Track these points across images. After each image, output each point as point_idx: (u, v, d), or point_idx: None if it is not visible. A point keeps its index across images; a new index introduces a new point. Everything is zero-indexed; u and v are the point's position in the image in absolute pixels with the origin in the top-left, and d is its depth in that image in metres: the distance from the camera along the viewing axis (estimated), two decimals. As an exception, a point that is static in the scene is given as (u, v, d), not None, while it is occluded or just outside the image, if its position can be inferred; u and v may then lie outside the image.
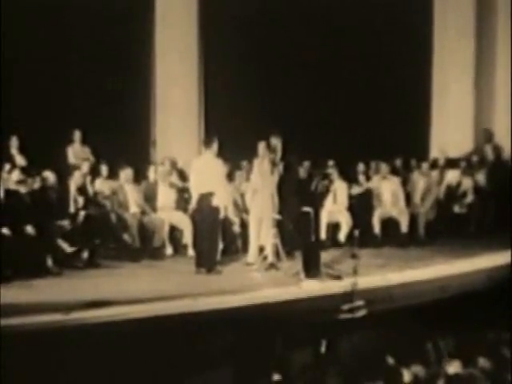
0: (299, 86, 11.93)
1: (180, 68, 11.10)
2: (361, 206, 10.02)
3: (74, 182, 8.63)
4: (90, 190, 9.16)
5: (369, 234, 9.72)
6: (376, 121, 11.92)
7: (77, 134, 10.12)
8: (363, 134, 11.64)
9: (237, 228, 9.31)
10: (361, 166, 10.68)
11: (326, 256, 8.19)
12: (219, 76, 11.45)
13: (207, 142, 8.16)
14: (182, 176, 10.08)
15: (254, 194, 8.56)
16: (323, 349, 6.88)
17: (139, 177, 9.55)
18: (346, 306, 6.86)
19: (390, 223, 9.93)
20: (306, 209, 7.63)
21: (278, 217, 8.42)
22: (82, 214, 8.36)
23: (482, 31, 11.79)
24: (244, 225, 9.20)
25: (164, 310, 6.20)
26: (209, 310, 6.36)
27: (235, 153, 9.77)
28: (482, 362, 6.50)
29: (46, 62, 10.26)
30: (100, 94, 10.74)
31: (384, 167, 10.24)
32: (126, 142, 10.45)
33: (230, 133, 10.97)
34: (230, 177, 9.55)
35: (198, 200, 8.03)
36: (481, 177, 10.96)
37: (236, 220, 9.33)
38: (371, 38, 11.86)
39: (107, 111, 10.64)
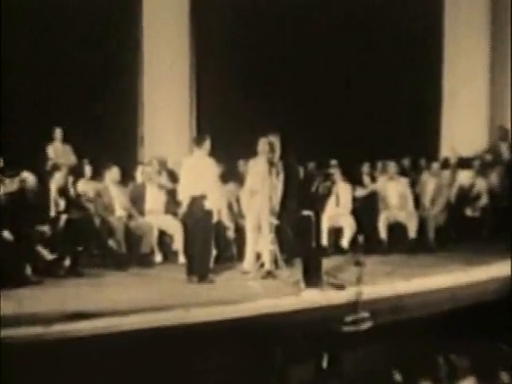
0: (298, 80, 11.98)
1: (170, 61, 11.14)
2: (365, 210, 10.05)
3: (54, 184, 8.64)
4: (72, 192, 9.17)
5: (374, 239, 9.75)
6: (382, 117, 11.97)
7: (58, 132, 10.13)
8: (368, 131, 11.68)
9: (231, 233, 9.33)
10: (366, 166, 10.71)
11: (327, 263, 8.20)
12: (212, 70, 11.49)
13: (199, 140, 8.17)
14: (172, 177, 10.11)
15: (251, 197, 8.58)
16: (325, 364, 6.86)
17: (126, 178, 9.59)
18: (349, 318, 6.87)
19: (397, 228, 9.97)
20: (307, 212, 7.64)
21: (276, 221, 8.43)
22: (64, 217, 8.36)
23: (495, 27, 11.93)
24: (239, 230, 9.22)
25: (152, 323, 6.20)
26: (201, 322, 6.36)
27: (229, 152, 9.82)
28: (505, 377, 6.51)
29: (24, 56, 10.28)
30: (83, 88, 10.75)
31: (391, 167, 10.27)
32: (112, 140, 10.48)
33: (224, 130, 11.02)
34: (224, 178, 9.58)
35: (189, 203, 8.04)
36: (495, 177, 11.00)
37: (230, 225, 9.36)
38: (377, 30, 11.97)
39: (91, 107, 10.66)
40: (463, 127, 12.00)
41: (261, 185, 8.43)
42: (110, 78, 11.00)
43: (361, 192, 10.28)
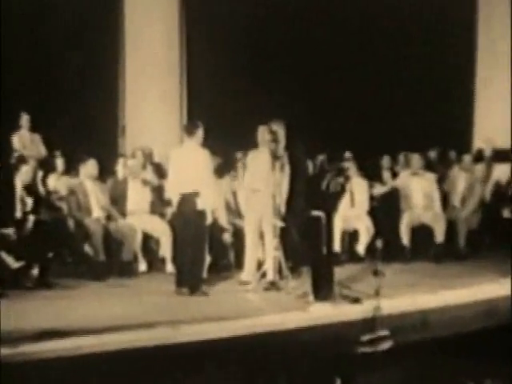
0: (308, 61, 12.04)
1: (156, 39, 11.17)
2: (385, 210, 10.08)
3: (20, 179, 8.62)
4: (42, 189, 9.18)
5: (395, 244, 9.78)
6: (405, 104, 12.02)
7: (25, 119, 10.12)
8: (389, 119, 11.74)
9: (228, 237, 9.36)
10: (385, 160, 10.73)
11: (340, 273, 8.22)
12: (206, 48, 11.52)
13: (190, 129, 8.17)
14: (159, 171, 10.14)
15: (251, 195, 8.59)
16: (338, 390, 6.91)
17: (104, 172, 9.59)
18: (366, 337, 6.88)
19: (421, 231, 9.99)
20: (316, 213, 7.65)
21: (280, 223, 8.43)
22: (32, 219, 8.35)
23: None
24: (238, 233, 9.24)
25: (135, 342, 6.19)
26: (192, 342, 6.35)
27: (226, 142, 9.84)
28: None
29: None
30: (55, 71, 10.76)
31: (415, 160, 10.28)
32: (88, 128, 10.50)
33: (219, 117, 11.08)
34: (219, 172, 9.59)
35: (178, 202, 8.04)
36: (537, 172, 11.04)
37: (228, 227, 9.38)
38: (407, 15, 12.18)
39: (64, 91, 10.67)
40: (499, 115, 12.05)
41: (262, 181, 8.44)
42: (86, 59, 11.02)
43: (379, 189, 10.29)
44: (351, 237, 9.87)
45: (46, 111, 10.20)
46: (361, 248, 9.78)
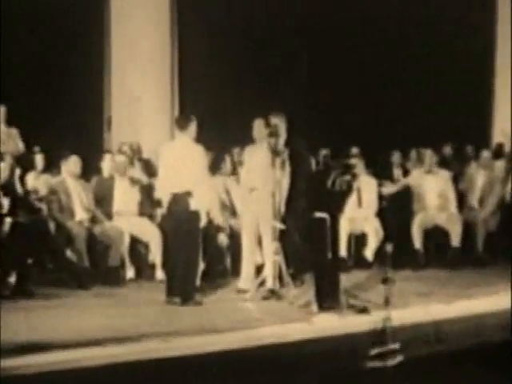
0: (310, 47, 12.04)
1: (145, 24, 11.14)
2: (396, 211, 10.10)
3: (-4, 178, 8.67)
4: (20, 189, 9.17)
5: (407, 249, 9.81)
6: (417, 95, 12.02)
7: (0, 111, 10.11)
8: (400, 111, 11.73)
9: (224, 241, 9.39)
10: (396, 156, 10.74)
11: (347, 280, 8.24)
12: (199, 34, 11.51)
13: (182, 122, 8.18)
14: (148, 169, 10.14)
15: (247, 195, 8.62)
16: (344, 409, 6.93)
17: (88, 170, 9.60)
18: (375, 351, 6.88)
19: (435, 234, 10.04)
20: (320, 214, 7.65)
21: (280, 225, 8.44)
22: (8, 221, 8.34)
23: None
24: (234, 236, 9.27)
25: (123, 356, 6.17)
26: (185, 356, 6.34)
27: (221, 137, 9.86)
28: None
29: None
30: (33, 57, 10.74)
31: (429, 157, 10.29)
32: (70, 121, 10.48)
33: (214, 110, 11.08)
34: (214, 169, 9.61)
35: (169, 202, 8.05)
36: None
37: (223, 230, 9.41)
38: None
39: (43, 81, 10.66)
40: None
41: (260, 179, 8.48)
42: (68, 47, 11.00)
43: (390, 188, 10.31)
44: (358, 240, 9.89)
45: (24, 103, 10.19)
46: (369, 253, 9.80)
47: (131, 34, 11.13)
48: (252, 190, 8.57)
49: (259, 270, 8.56)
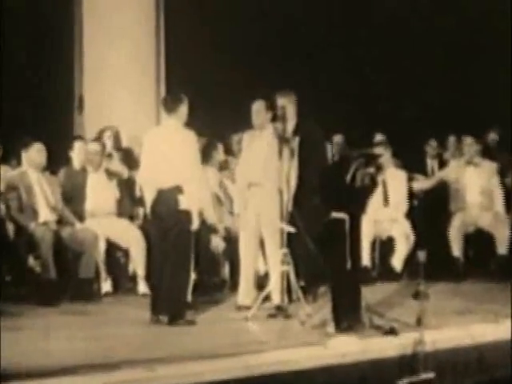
0: (327, 17, 12.06)
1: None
2: (430, 211, 10.11)
3: None
4: (-29, 184, 9.19)
5: (443, 257, 9.82)
6: (455, 73, 12.05)
7: None
8: (434, 91, 11.73)
9: (220, 246, 9.46)
10: (430, 144, 10.73)
11: (370, 295, 8.19)
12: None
13: (170, 104, 8.17)
14: (129, 159, 10.16)
15: (247, 191, 8.65)
16: None
17: (55, 161, 9.60)
18: (404, 380, 6.89)
19: (478, 239, 10.07)
20: (338, 215, 7.65)
21: (289, 228, 8.44)
22: (-42, 223, 8.42)
23: None
24: (233, 240, 9.30)
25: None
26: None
27: (214, 121, 9.84)
28: None
29: None
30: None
31: (469, 146, 10.33)
32: (33, 101, 10.47)
33: (208, 88, 11.06)
34: (206, 159, 9.64)
35: (154, 200, 8.04)
36: None
37: (219, 232, 9.48)
38: None
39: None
40: None
41: (263, 172, 8.51)
42: (29, 10, 11.00)
43: (422, 184, 10.35)
44: (384, 247, 9.94)
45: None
46: (397, 262, 9.85)
47: (107, 3, 11.14)
48: (252, 186, 8.60)
49: (263, 282, 8.57)
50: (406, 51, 12.18)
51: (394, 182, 9.90)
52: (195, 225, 8.10)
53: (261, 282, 8.79)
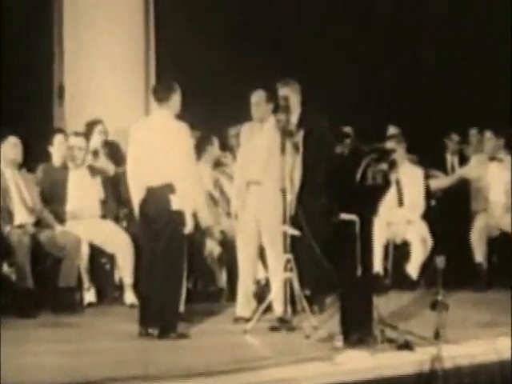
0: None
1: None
2: (449, 212, 10.08)
3: None
4: None
5: (464, 263, 9.87)
6: (476, 62, 12.06)
7: None
8: (455, 80, 11.74)
9: (216, 251, 9.48)
10: (451, 139, 10.73)
11: (383, 305, 8.16)
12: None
13: (161, 93, 8.18)
14: (114, 155, 10.17)
15: (245, 190, 8.65)
16: None
17: (33, 156, 9.61)
18: (422, 401, 6.89)
19: (503, 243, 10.07)
20: (347, 217, 7.64)
21: (293, 231, 8.43)
22: None
23: None
24: (231, 245, 9.29)
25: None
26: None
27: (212, 113, 9.83)
28: None
29: None
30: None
31: (492, 140, 10.35)
32: (7, 91, 10.45)
33: (203, 76, 11.05)
34: (200, 154, 9.68)
35: (143, 200, 8.04)
36: None
37: (215, 235, 9.51)
38: None
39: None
40: None
41: (263, 169, 8.52)
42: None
43: (441, 182, 10.37)
44: (399, 251, 9.95)
45: None
46: (413, 268, 9.86)
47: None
48: (251, 184, 8.61)
49: (264, 291, 8.59)
50: (428, 34, 12.19)
51: (409, 180, 9.92)
52: (189, 227, 8.07)
53: (261, 291, 8.85)
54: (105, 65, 11.02)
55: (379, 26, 12.36)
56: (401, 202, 9.71)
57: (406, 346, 7.37)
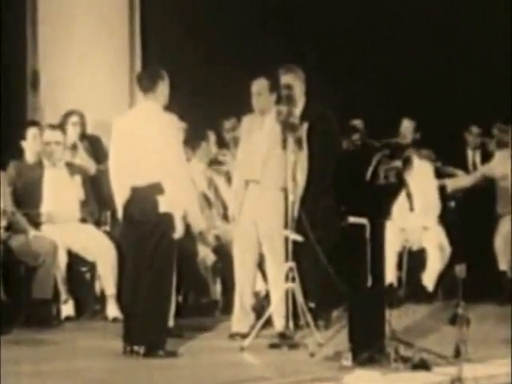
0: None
1: None
2: (470, 215, 10.11)
3: None
4: None
5: (487, 272, 9.87)
6: (499, 52, 12.09)
7: None
8: (473, 69, 11.78)
9: (210, 258, 9.51)
10: (471, 133, 10.74)
11: (397, 319, 8.16)
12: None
13: (147, 81, 8.17)
14: (96, 151, 10.18)
15: (243, 190, 8.67)
16: None
17: (4, 153, 9.63)
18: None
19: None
20: (356, 220, 7.66)
21: (296, 236, 8.44)
22: None
23: None
24: (225, 252, 9.35)
25: None
26: None
27: (205, 104, 9.83)
28: None
29: None
30: None
31: (503, 131, 10.43)
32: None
33: (194, 63, 11.05)
34: (194, 150, 9.73)
35: (128, 201, 8.04)
36: None
37: (209, 241, 9.55)
38: None
39: None
40: None
41: (263, 166, 8.53)
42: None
43: (461, 181, 10.39)
44: (414, 259, 9.95)
45: None
46: (429, 278, 9.87)
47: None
48: (250, 183, 8.62)
49: (263, 303, 8.60)
50: (449, 20, 12.27)
51: (426, 180, 9.93)
52: (179, 232, 8.07)
53: (260, 304, 8.89)
54: (84, 50, 11.05)
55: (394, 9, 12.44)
56: (414, 204, 9.70)
57: (423, 365, 7.38)
